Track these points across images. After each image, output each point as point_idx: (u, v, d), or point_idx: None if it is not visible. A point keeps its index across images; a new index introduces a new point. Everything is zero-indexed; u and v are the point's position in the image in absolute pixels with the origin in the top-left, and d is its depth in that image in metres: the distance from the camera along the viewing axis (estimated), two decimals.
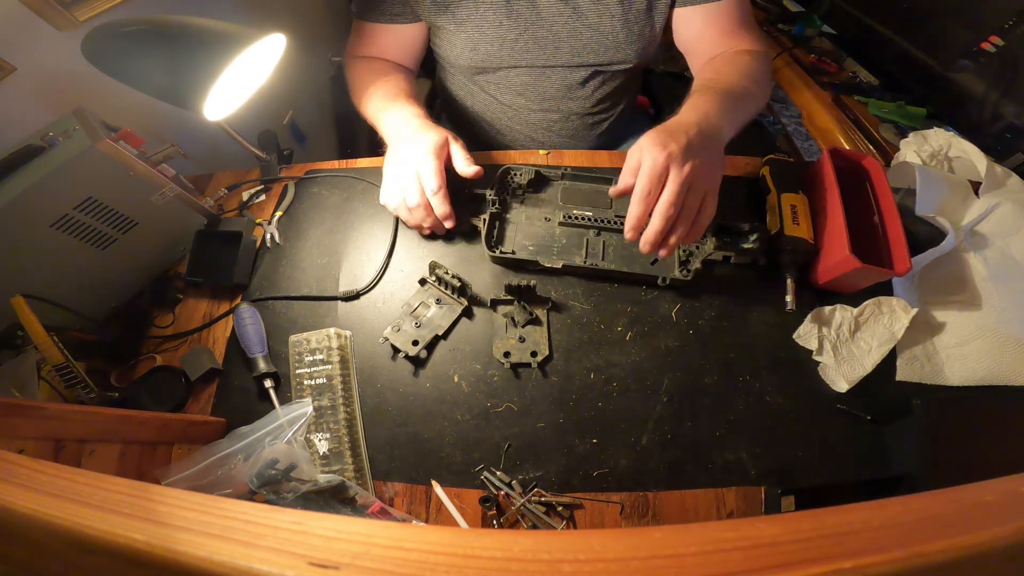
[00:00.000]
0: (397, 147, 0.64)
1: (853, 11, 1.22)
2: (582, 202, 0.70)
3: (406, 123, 0.65)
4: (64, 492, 0.21)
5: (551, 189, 0.72)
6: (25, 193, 0.53)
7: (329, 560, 0.17)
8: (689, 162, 0.51)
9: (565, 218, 0.68)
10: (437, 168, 0.60)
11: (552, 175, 0.73)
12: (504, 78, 0.81)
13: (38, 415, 0.43)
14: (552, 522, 0.52)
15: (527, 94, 0.83)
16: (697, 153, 0.52)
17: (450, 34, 0.76)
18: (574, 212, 0.69)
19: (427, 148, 0.61)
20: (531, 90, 0.82)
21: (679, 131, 0.53)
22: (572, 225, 0.68)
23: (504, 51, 0.76)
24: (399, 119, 0.66)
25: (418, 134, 0.63)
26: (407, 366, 0.61)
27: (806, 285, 0.63)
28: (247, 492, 0.49)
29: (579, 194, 0.71)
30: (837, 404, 0.57)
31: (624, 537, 0.17)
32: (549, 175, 0.73)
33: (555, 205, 0.71)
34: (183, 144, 0.66)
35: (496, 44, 0.75)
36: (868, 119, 1.06)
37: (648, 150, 0.52)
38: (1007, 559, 0.16)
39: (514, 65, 0.78)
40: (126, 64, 0.55)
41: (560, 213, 0.69)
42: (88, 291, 0.64)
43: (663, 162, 0.51)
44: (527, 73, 0.79)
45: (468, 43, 0.76)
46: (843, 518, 0.17)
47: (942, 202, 0.66)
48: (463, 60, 0.78)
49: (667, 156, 0.51)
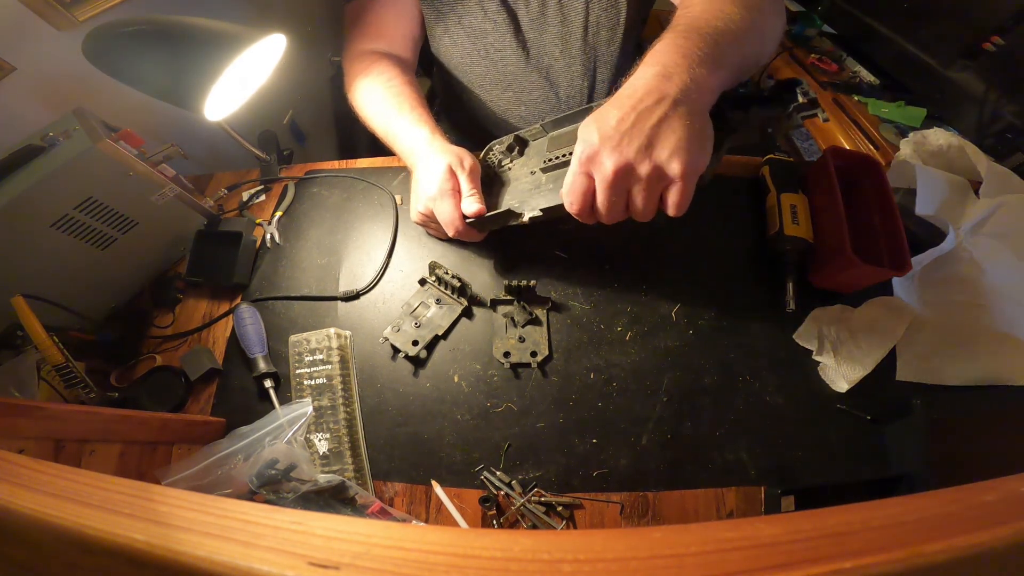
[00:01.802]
0: (416, 176, 0.63)
1: (853, 11, 1.22)
2: (568, 143, 0.61)
3: (415, 151, 0.63)
4: (64, 492, 0.21)
5: (536, 144, 0.66)
6: (25, 193, 0.54)
7: (329, 560, 0.17)
8: (618, 155, 0.42)
9: (546, 163, 0.61)
10: (454, 207, 0.58)
11: (533, 132, 0.67)
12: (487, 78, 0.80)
13: (38, 415, 0.43)
14: (552, 522, 0.52)
15: (515, 86, 0.81)
16: (638, 135, 0.41)
17: (438, 35, 0.76)
18: (556, 154, 0.61)
19: (437, 188, 0.58)
20: (519, 81, 0.80)
21: (612, 111, 0.43)
22: (556, 167, 0.61)
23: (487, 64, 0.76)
24: (410, 142, 0.64)
25: (429, 168, 0.60)
26: (407, 366, 0.61)
27: (806, 285, 0.63)
28: (247, 492, 0.49)
29: (566, 136, 0.63)
30: (837, 404, 0.57)
31: (624, 537, 0.17)
32: (528, 136, 0.67)
33: (542, 157, 0.63)
34: (183, 144, 0.66)
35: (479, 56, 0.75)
36: (868, 119, 1.06)
37: (578, 143, 0.45)
38: (1007, 559, 0.16)
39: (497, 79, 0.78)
40: (126, 64, 0.55)
41: (542, 160, 0.62)
42: (88, 291, 0.64)
43: (585, 161, 0.44)
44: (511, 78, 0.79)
45: (454, 46, 0.76)
46: (843, 518, 0.17)
47: (942, 202, 0.66)
48: (451, 60, 0.78)
49: (589, 154, 0.43)
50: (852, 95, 1.14)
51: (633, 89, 0.44)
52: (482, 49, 0.76)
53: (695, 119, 0.42)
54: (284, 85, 0.74)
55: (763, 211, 0.69)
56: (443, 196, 0.58)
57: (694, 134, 0.41)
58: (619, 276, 0.66)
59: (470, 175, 0.59)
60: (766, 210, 0.68)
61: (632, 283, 0.65)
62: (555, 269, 0.66)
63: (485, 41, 0.75)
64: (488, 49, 0.76)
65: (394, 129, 0.66)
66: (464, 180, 0.59)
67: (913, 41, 1.07)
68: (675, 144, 0.41)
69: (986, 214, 0.65)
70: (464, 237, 0.63)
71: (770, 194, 0.67)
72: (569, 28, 0.74)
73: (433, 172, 0.59)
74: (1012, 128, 0.89)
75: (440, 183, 0.58)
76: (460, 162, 0.59)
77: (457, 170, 0.59)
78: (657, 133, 0.41)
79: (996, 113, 0.92)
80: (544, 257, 0.68)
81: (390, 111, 0.66)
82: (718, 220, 0.69)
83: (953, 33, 0.98)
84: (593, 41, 0.76)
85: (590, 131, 0.44)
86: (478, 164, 0.61)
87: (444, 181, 0.58)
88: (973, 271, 0.63)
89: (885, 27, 1.13)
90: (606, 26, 0.74)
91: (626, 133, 0.42)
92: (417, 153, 0.62)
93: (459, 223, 0.59)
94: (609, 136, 0.42)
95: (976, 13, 0.94)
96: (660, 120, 0.41)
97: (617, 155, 0.42)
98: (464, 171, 0.59)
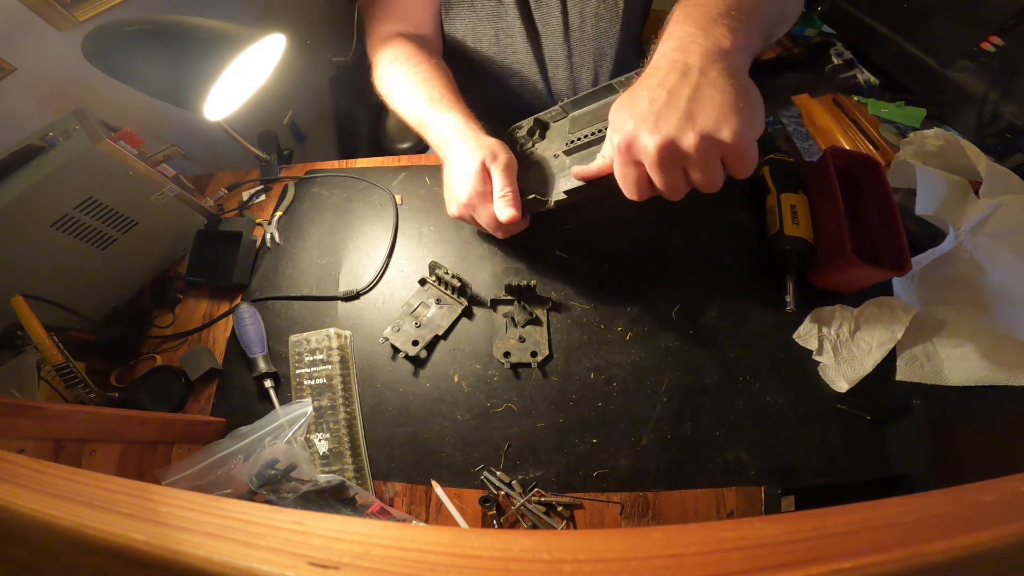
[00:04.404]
0: (449, 171, 0.61)
1: (853, 11, 1.22)
2: (591, 123, 0.60)
3: (447, 141, 0.61)
4: (64, 492, 0.21)
5: (557, 127, 0.65)
6: (25, 193, 0.54)
7: (329, 560, 0.17)
8: (657, 134, 0.39)
9: (568, 145, 0.60)
10: (492, 213, 0.57)
11: (554, 114, 0.65)
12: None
13: (38, 415, 0.43)
14: (552, 522, 0.52)
15: (519, 76, 0.79)
16: (674, 110, 0.39)
17: (451, 16, 0.75)
18: (578, 135, 0.60)
19: (472, 191, 0.56)
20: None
21: (641, 93, 0.41)
22: (578, 149, 0.59)
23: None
24: (442, 133, 0.61)
25: (463, 168, 0.57)
26: (407, 366, 0.61)
27: (806, 285, 0.63)
28: (247, 492, 0.49)
29: (587, 116, 0.62)
30: (837, 404, 0.57)
31: (624, 537, 0.17)
32: (549, 119, 0.65)
33: (564, 139, 0.62)
34: (183, 144, 0.67)
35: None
36: (868, 119, 1.07)
37: (610, 135, 0.43)
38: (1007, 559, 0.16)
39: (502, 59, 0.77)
40: (126, 64, 0.55)
41: (564, 143, 0.61)
42: (88, 291, 0.64)
43: (625, 149, 0.42)
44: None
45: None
46: (843, 518, 0.17)
47: (942, 202, 0.66)
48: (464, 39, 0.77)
49: (628, 140, 0.41)
50: (852, 95, 1.14)
51: (655, 68, 0.42)
52: (493, 34, 0.75)
53: (733, 80, 0.39)
54: (284, 85, 0.74)
55: (763, 211, 0.69)
56: (481, 200, 0.57)
57: (737, 95, 0.39)
58: (619, 276, 0.66)
59: (504, 171, 0.56)
60: (766, 210, 0.68)
61: (632, 283, 0.65)
62: (555, 269, 0.66)
63: (497, 25, 0.74)
64: (499, 34, 0.75)
65: (424, 119, 0.63)
66: (498, 177, 0.56)
67: (913, 41, 1.07)
68: (719, 111, 0.38)
69: (986, 214, 0.65)
70: (512, 231, 0.61)
71: (770, 194, 0.67)
72: (570, 18, 0.74)
73: (466, 173, 0.57)
74: (1012, 128, 0.89)
75: (473, 185, 0.56)
76: (494, 157, 0.56)
77: (491, 166, 0.56)
78: (695, 104, 0.39)
79: (996, 113, 0.92)
80: (544, 257, 0.68)
81: (420, 99, 0.63)
82: (718, 220, 0.69)
83: (953, 33, 0.98)
84: (593, 32, 0.75)
85: (623, 118, 0.42)
86: (513, 159, 0.58)
87: (479, 183, 0.56)
88: (973, 271, 0.63)
89: (885, 27, 1.13)
90: (605, 17, 0.74)
91: (661, 111, 0.40)
92: (449, 146, 0.60)
93: (504, 226, 0.57)
94: (644, 118, 0.40)
95: (976, 13, 0.94)
96: (694, 91, 0.39)
97: (656, 134, 0.40)
98: (499, 167, 0.56)
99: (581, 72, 0.80)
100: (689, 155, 0.40)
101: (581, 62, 0.79)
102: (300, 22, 1.22)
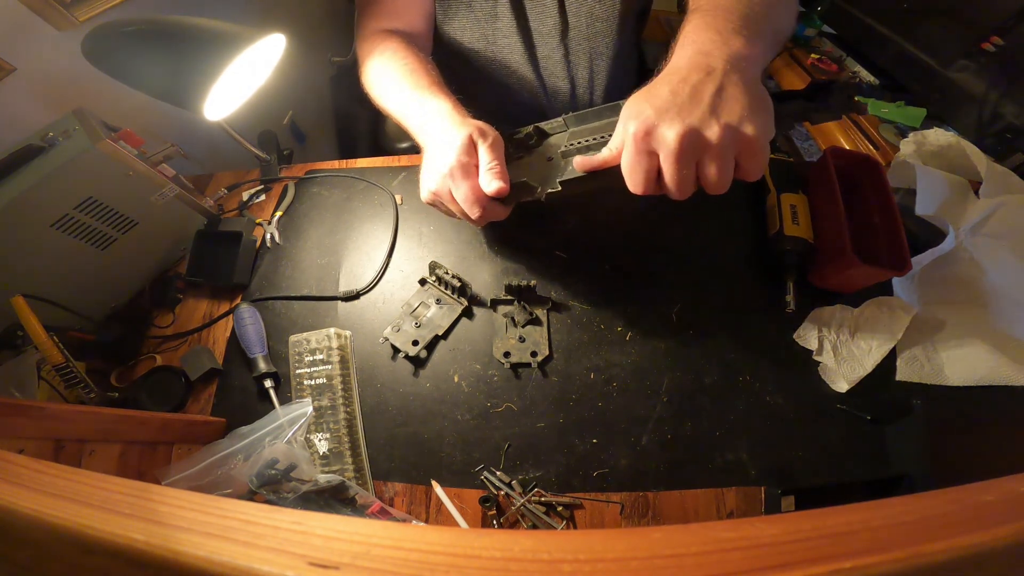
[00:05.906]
0: (429, 151, 0.56)
1: (853, 11, 1.22)
2: (593, 134, 0.58)
3: (430, 123, 0.57)
4: (64, 492, 0.21)
5: (556, 139, 0.62)
6: (25, 193, 0.54)
7: (329, 560, 0.17)
8: (681, 122, 0.39)
9: (568, 146, 0.57)
10: (475, 184, 0.52)
11: (554, 126, 0.62)
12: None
13: (38, 415, 0.43)
14: (552, 522, 0.52)
15: (513, 79, 0.78)
16: (699, 103, 0.39)
17: (447, 17, 0.74)
18: (578, 140, 0.57)
19: (456, 160, 0.51)
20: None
21: (661, 86, 0.41)
22: (577, 151, 0.56)
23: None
24: (425, 115, 0.58)
25: (446, 140, 0.53)
26: (407, 366, 0.61)
27: (806, 285, 0.63)
28: (247, 492, 0.49)
29: (588, 132, 0.59)
30: (837, 404, 0.57)
31: (624, 537, 0.17)
32: (549, 129, 0.63)
33: (562, 146, 0.60)
34: (183, 144, 0.67)
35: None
36: (868, 119, 1.07)
37: (624, 123, 0.42)
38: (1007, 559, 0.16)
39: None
40: (126, 64, 0.55)
41: (562, 147, 0.58)
42: (88, 291, 0.64)
43: (642, 137, 0.41)
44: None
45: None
46: (843, 518, 0.17)
47: (942, 202, 0.66)
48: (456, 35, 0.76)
49: (646, 128, 0.40)
50: (852, 95, 1.14)
51: (676, 68, 0.42)
52: (490, 34, 0.75)
53: (752, 87, 0.40)
54: (284, 85, 0.74)
55: (763, 211, 0.69)
56: (463, 171, 0.51)
57: (757, 101, 0.39)
58: (619, 276, 0.66)
59: (492, 147, 0.52)
60: (766, 210, 0.68)
61: (632, 283, 0.65)
62: (555, 269, 0.66)
63: (494, 24, 0.74)
64: (496, 34, 0.74)
65: (408, 103, 0.60)
66: (485, 151, 0.52)
67: (913, 41, 1.07)
68: (742, 110, 0.39)
69: (986, 214, 0.65)
70: (489, 217, 0.54)
71: (770, 194, 0.67)
72: (567, 18, 0.73)
73: (450, 145, 0.52)
74: (1012, 128, 0.89)
75: (458, 156, 0.51)
76: (482, 133, 0.53)
77: (479, 140, 0.52)
78: (719, 100, 0.39)
79: (996, 113, 0.92)
80: (544, 257, 0.68)
81: (405, 88, 0.61)
82: (718, 220, 0.69)
83: (953, 33, 0.98)
84: (589, 32, 0.75)
85: (642, 107, 0.41)
86: (500, 138, 0.54)
87: (464, 155, 0.51)
88: (973, 271, 0.63)
89: (885, 27, 1.13)
90: (601, 18, 0.74)
91: (684, 103, 0.39)
92: (433, 125, 0.56)
93: (484, 200, 0.51)
94: (666, 108, 0.40)
95: (976, 13, 0.94)
96: (718, 89, 0.39)
97: (680, 123, 0.39)
98: (487, 143, 0.52)
99: (577, 72, 0.80)
100: (711, 146, 0.39)
101: (577, 62, 0.78)
102: (300, 22, 1.22)
